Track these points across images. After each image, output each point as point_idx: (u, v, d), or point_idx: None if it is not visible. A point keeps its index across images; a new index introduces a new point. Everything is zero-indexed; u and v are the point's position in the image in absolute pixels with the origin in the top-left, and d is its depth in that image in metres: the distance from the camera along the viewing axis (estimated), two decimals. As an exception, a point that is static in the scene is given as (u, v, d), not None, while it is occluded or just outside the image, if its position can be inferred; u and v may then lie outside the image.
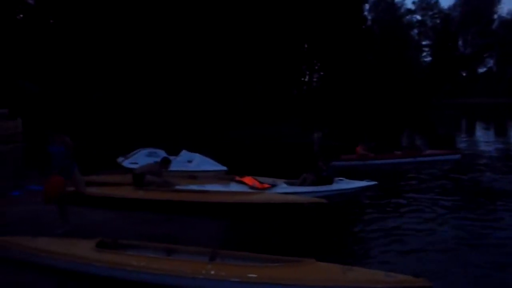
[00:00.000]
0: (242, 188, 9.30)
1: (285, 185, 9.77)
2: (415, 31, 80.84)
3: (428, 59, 79.86)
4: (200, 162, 11.47)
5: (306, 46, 29.04)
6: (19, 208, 7.63)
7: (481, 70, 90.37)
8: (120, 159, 11.67)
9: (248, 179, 9.59)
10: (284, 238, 6.97)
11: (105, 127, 13.82)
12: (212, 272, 4.70)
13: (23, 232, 5.86)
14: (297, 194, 9.21)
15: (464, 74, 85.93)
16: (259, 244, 5.95)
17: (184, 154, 11.52)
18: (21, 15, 20.00)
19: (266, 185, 9.41)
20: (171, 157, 11.73)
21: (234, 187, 9.39)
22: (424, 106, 30.16)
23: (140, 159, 11.46)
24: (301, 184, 10.09)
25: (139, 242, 5.58)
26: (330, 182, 10.17)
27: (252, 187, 9.27)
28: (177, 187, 9.07)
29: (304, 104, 25.10)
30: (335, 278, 4.65)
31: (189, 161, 11.35)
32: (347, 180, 10.55)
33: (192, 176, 10.59)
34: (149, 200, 8.25)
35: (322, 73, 30.67)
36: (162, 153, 11.66)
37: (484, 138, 25.56)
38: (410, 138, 24.37)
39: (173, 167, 11.17)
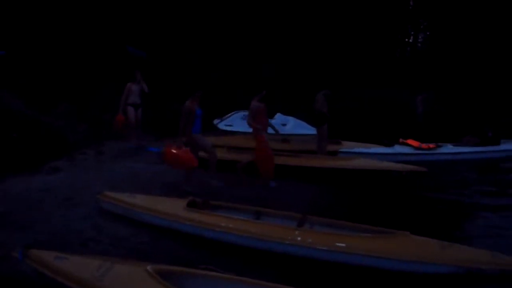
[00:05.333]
0: (407, 150, 9.39)
1: (451, 146, 9.67)
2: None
3: None
4: (295, 125, 11.18)
5: (411, 3, 26.90)
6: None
7: None
8: (216, 121, 11.87)
9: (412, 141, 9.63)
10: (378, 207, 6.59)
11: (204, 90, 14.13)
12: (299, 238, 4.59)
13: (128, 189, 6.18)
14: (464, 154, 9.46)
15: None
16: (351, 212, 5.69)
17: (279, 117, 11.34)
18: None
19: (432, 146, 9.42)
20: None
21: (398, 149, 9.48)
22: None
23: (235, 121, 11.58)
24: (465, 145, 9.90)
25: (229, 203, 5.62)
26: (497, 142, 9.86)
27: (418, 149, 9.34)
28: (343, 149, 9.42)
29: (408, 67, 23.51)
30: (433, 254, 4.27)
31: (283, 124, 11.15)
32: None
33: (285, 139, 10.46)
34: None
35: (428, 33, 28.15)
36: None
37: None
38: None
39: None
